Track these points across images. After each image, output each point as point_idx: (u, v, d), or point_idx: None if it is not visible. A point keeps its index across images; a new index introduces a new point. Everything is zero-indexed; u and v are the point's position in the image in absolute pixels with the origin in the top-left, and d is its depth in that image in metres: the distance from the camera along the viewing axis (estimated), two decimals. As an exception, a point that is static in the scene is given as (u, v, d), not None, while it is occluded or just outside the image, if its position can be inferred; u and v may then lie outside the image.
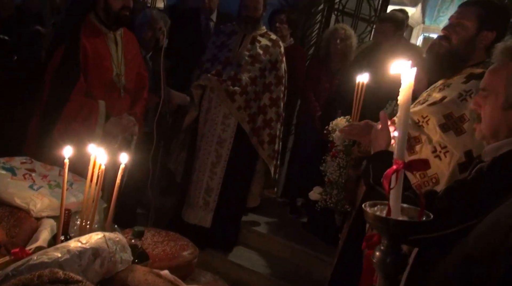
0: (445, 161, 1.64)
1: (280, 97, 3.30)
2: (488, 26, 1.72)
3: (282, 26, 3.84)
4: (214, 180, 3.27)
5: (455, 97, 1.68)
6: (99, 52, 2.41)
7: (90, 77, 2.37)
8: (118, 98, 2.51)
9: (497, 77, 1.21)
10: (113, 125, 2.43)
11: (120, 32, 2.53)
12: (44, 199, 1.46)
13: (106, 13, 2.42)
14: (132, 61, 2.61)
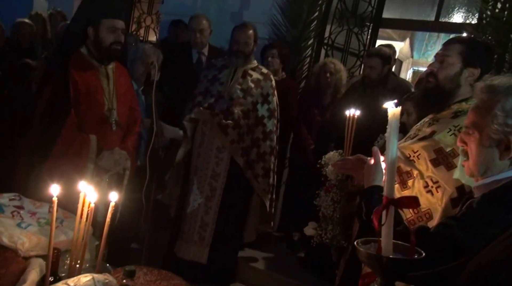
0: (438, 196, 1.65)
1: (273, 130, 3.32)
2: (472, 63, 1.77)
3: (273, 61, 3.91)
4: (209, 214, 3.24)
5: (444, 132, 1.70)
6: (90, 87, 2.42)
7: (81, 112, 2.37)
8: (110, 132, 2.50)
9: (480, 115, 1.24)
10: (105, 159, 2.42)
11: (111, 66, 2.55)
12: (33, 238, 1.43)
13: (97, 48, 2.44)
14: (124, 95, 2.62)
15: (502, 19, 3.30)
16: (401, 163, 1.74)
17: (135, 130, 2.74)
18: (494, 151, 1.20)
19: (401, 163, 1.74)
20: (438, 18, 4.58)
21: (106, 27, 2.41)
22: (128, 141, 2.65)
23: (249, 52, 3.26)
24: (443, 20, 4.78)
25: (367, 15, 4.61)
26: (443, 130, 1.71)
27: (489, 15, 3.40)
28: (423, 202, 1.67)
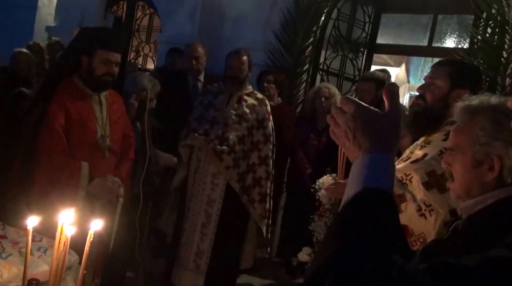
0: (431, 219, 1.62)
1: (269, 155, 3.30)
2: (460, 84, 1.78)
3: (269, 86, 3.94)
4: (205, 241, 3.18)
5: (435, 155, 1.69)
6: (82, 114, 2.42)
7: (73, 139, 2.37)
8: (102, 159, 2.49)
9: (461, 136, 1.21)
10: (97, 187, 2.39)
11: (105, 93, 2.56)
12: (12, 268, 1.39)
13: (89, 76, 2.45)
14: (117, 122, 2.62)
15: (493, 43, 3.34)
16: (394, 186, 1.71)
17: (129, 157, 2.73)
18: (479, 172, 1.17)
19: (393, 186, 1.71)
20: (431, 43, 4.64)
21: (100, 58, 2.43)
22: (122, 168, 2.62)
23: (244, 78, 3.28)
24: (436, 45, 4.84)
25: (361, 41, 4.67)
26: (434, 152, 1.70)
27: (480, 39, 3.44)
28: (416, 225, 1.63)
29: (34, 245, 1.52)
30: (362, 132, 0.77)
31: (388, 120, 0.78)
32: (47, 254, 1.52)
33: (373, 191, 0.71)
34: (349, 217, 0.70)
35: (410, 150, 1.89)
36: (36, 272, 1.36)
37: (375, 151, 0.75)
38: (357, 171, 0.75)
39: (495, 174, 1.15)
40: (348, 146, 0.79)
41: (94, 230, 1.16)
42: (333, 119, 0.82)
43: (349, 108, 0.79)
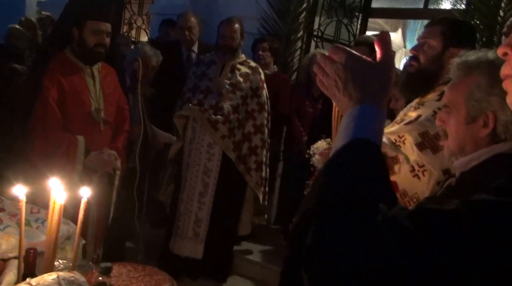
0: (424, 179, 1.63)
1: (264, 123, 3.30)
2: (453, 43, 1.74)
3: (265, 54, 3.89)
4: (202, 210, 3.23)
5: (429, 116, 1.68)
6: (76, 87, 2.40)
7: (68, 113, 2.35)
8: (98, 132, 2.49)
9: (456, 92, 1.21)
10: (93, 160, 2.40)
11: (97, 66, 2.53)
12: (11, 239, 1.40)
13: (80, 49, 2.42)
14: (111, 95, 2.61)
15: (489, 3, 3.27)
16: (387, 148, 1.72)
17: (125, 129, 2.73)
18: (473, 128, 1.17)
19: (387, 148, 1.72)
20: (427, 6, 4.55)
21: (90, 29, 2.39)
22: (118, 141, 2.63)
23: (236, 46, 3.24)
24: (432, 7, 4.74)
25: (355, 5, 4.58)
26: (428, 113, 1.69)
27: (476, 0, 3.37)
28: (410, 186, 1.65)
29: (32, 217, 1.53)
30: (353, 82, 0.73)
31: (380, 70, 0.75)
32: (45, 225, 1.53)
33: (361, 141, 0.68)
34: (334, 167, 0.68)
35: (404, 112, 1.88)
36: (34, 242, 1.38)
37: (365, 102, 0.72)
38: (346, 123, 0.73)
39: (489, 129, 1.15)
40: (338, 97, 0.76)
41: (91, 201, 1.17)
42: (321, 69, 0.78)
43: (339, 57, 0.76)
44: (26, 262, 1.16)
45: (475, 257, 0.51)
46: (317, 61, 0.79)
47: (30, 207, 1.60)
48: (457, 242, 0.52)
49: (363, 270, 0.53)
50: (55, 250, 1.11)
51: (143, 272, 1.50)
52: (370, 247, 0.54)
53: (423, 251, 0.53)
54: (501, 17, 3.25)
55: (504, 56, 0.70)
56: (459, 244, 0.52)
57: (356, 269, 0.54)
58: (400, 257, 0.53)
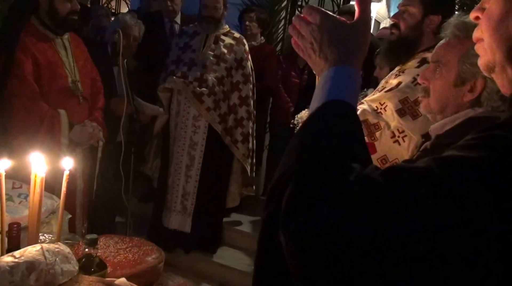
0: (404, 145, 1.66)
1: (249, 95, 3.29)
2: (433, 10, 1.75)
3: (251, 25, 3.84)
4: (190, 183, 3.25)
5: (409, 82, 1.69)
6: (50, 60, 2.32)
7: (44, 87, 2.29)
8: (77, 105, 2.45)
9: (451, 52, 1.19)
10: (78, 133, 2.38)
11: (67, 36, 2.44)
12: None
13: (52, 18, 2.32)
14: (85, 66, 2.55)
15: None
16: (369, 115, 1.74)
17: (101, 100, 2.68)
18: (459, 91, 1.17)
19: (368, 115, 1.74)
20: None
21: None
22: (96, 113, 2.60)
23: (219, 17, 3.19)
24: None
25: (340, -27, 4.51)
26: (408, 80, 1.70)
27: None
28: (391, 151, 1.68)
29: (14, 192, 1.53)
30: (328, 43, 0.72)
31: (356, 30, 0.73)
32: (28, 200, 1.54)
33: (336, 103, 0.68)
34: (309, 128, 0.67)
35: (385, 79, 1.89)
36: (17, 217, 1.38)
37: (341, 63, 0.71)
38: (321, 84, 0.71)
39: (474, 95, 1.15)
40: (313, 59, 0.75)
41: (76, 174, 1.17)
42: (296, 31, 0.76)
43: (314, 18, 0.74)
44: (10, 237, 1.17)
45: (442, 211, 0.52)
46: (292, 23, 0.78)
47: (12, 182, 1.60)
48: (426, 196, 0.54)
49: (337, 226, 0.55)
50: (38, 224, 1.12)
51: (130, 243, 1.52)
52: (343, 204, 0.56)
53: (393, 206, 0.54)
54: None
55: (476, 20, 0.71)
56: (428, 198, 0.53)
57: (331, 226, 0.55)
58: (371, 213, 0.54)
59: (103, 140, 2.53)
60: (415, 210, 0.53)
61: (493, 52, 0.67)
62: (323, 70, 0.74)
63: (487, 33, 0.67)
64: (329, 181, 0.59)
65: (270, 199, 0.67)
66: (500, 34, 0.65)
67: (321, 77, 0.73)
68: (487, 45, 0.68)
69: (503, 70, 0.67)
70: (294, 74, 3.88)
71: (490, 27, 0.66)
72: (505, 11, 0.64)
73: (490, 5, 0.66)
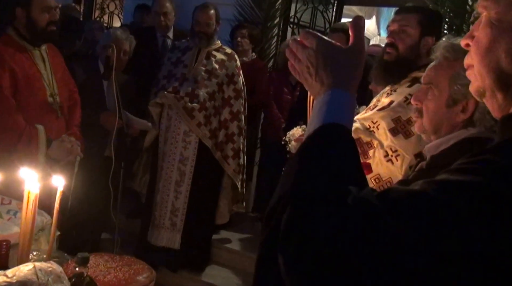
0: (397, 164, 1.67)
1: (241, 110, 3.29)
2: (428, 32, 1.78)
3: (243, 41, 3.87)
4: (179, 199, 3.21)
5: (401, 101, 1.71)
6: (28, 72, 2.26)
7: (22, 101, 2.22)
8: (55, 119, 2.38)
9: (442, 74, 1.22)
10: (57, 150, 2.31)
11: (44, 47, 2.38)
12: (-18, 231, 1.37)
13: (30, 30, 2.26)
14: (62, 78, 2.49)
15: (459, -9, 3.34)
16: (362, 134, 1.75)
17: (78, 113, 2.62)
18: (452, 111, 1.19)
19: (361, 134, 1.75)
20: (401, -7, 4.58)
21: (39, 7, 2.24)
22: (74, 127, 2.54)
23: (212, 33, 3.21)
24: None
25: (331, -8, 4.59)
26: (400, 99, 1.72)
27: (447, -13, 3.43)
28: (384, 171, 1.68)
29: (3, 208, 1.50)
30: (324, 68, 0.75)
31: (351, 55, 0.76)
32: (17, 217, 1.50)
33: (332, 126, 0.70)
34: (307, 152, 0.69)
35: (377, 98, 1.91)
36: (6, 234, 1.35)
37: (336, 87, 0.74)
38: (318, 108, 0.74)
39: (467, 115, 1.18)
40: (310, 82, 0.77)
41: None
42: (293, 54, 0.79)
43: (310, 43, 0.77)
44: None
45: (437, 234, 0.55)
46: (289, 46, 0.80)
47: (1, 198, 1.57)
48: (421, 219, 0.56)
49: (335, 249, 0.57)
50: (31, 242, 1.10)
51: (121, 262, 1.49)
52: (341, 227, 0.57)
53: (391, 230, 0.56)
54: (469, 5, 3.32)
55: (466, 47, 0.73)
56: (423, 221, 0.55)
57: (329, 249, 0.57)
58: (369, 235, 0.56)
59: (81, 155, 2.46)
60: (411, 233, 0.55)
61: (483, 78, 0.70)
62: (319, 94, 0.76)
63: (476, 60, 0.70)
64: (327, 204, 0.60)
65: (268, 222, 0.68)
66: (489, 61, 0.68)
67: (317, 101, 0.76)
68: (477, 71, 0.71)
69: (493, 95, 0.69)
70: (287, 91, 3.91)
71: (479, 55, 0.69)
72: (492, 39, 0.67)
73: (478, 33, 0.69)
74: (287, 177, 0.69)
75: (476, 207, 0.54)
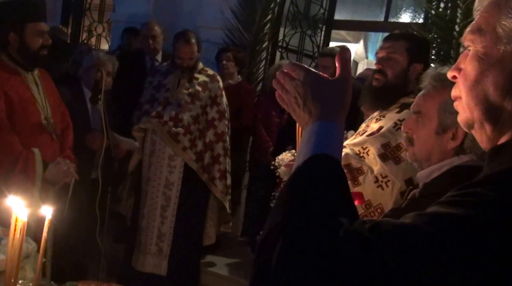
0: (388, 190, 1.67)
1: (225, 131, 3.26)
2: (417, 59, 1.81)
3: (229, 64, 3.89)
4: (165, 224, 3.14)
5: (390, 127, 1.73)
6: (22, 96, 2.27)
7: (18, 124, 2.23)
8: (50, 142, 2.39)
9: (430, 103, 1.24)
10: (53, 173, 2.31)
11: (36, 71, 2.41)
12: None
13: (22, 53, 2.27)
14: (55, 102, 2.51)
15: (446, 18, 3.42)
16: (352, 160, 1.75)
17: (70, 135, 2.63)
18: (442, 139, 1.21)
19: (351, 160, 1.75)
20: (387, 19, 4.70)
21: (32, 31, 2.26)
22: (67, 149, 2.54)
23: (193, 65, 3.16)
24: (392, 20, 4.91)
25: (319, 17, 4.68)
26: (389, 125, 1.74)
27: (434, 14, 3.52)
28: (375, 196, 1.68)
29: (-15, 236, 1.45)
30: (312, 99, 0.76)
31: (338, 86, 0.78)
32: (2, 244, 1.46)
33: (321, 157, 0.71)
34: (297, 183, 0.70)
35: (366, 123, 1.92)
36: (-11, 262, 1.31)
37: (324, 118, 0.75)
38: (306, 138, 0.75)
39: (457, 143, 1.19)
40: (298, 113, 0.78)
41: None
42: (280, 85, 0.80)
43: (298, 74, 0.78)
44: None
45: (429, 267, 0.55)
46: (276, 77, 0.81)
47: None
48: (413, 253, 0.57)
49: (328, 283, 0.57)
50: (18, 270, 1.06)
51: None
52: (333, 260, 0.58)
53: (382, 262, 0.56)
54: (457, 31, 3.41)
55: (453, 79, 0.75)
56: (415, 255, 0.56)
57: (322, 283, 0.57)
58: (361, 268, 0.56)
59: (77, 178, 2.46)
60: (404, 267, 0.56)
61: (471, 110, 0.71)
62: (307, 124, 0.77)
63: (464, 92, 0.71)
64: (319, 236, 0.60)
65: (260, 253, 0.68)
66: (477, 94, 0.69)
67: (305, 131, 0.77)
68: (465, 103, 0.72)
69: (482, 127, 0.70)
70: (275, 114, 3.92)
71: (467, 87, 0.70)
72: (480, 72, 0.68)
73: (466, 66, 0.71)
74: (278, 208, 0.69)
75: (467, 240, 0.56)
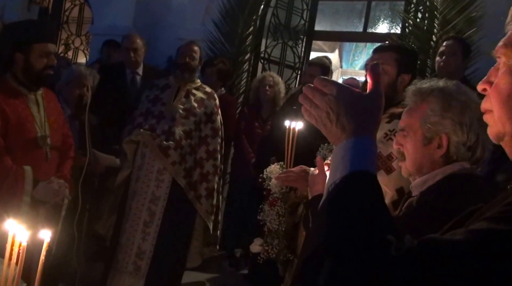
0: (380, 200, 1.65)
1: (217, 149, 3.21)
2: (405, 69, 1.83)
3: (212, 76, 3.88)
4: (146, 241, 3.01)
5: (381, 137, 1.72)
6: (20, 115, 2.29)
7: (13, 142, 2.24)
8: (44, 161, 2.37)
9: (413, 117, 1.32)
10: (42, 191, 2.28)
11: (40, 92, 2.42)
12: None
13: (26, 74, 2.29)
14: (56, 122, 2.51)
15: (423, 28, 3.49)
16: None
17: (70, 156, 2.62)
18: (429, 149, 1.27)
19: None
20: (366, 29, 4.78)
21: (38, 52, 2.28)
22: (65, 169, 2.53)
23: (195, 67, 3.19)
24: (371, 31, 4.99)
25: (300, 28, 4.71)
26: (379, 135, 1.73)
27: (411, 24, 3.58)
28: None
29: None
30: (345, 114, 0.75)
31: (371, 101, 0.78)
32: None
33: (360, 174, 0.71)
34: (340, 200, 0.70)
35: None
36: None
37: (359, 133, 0.74)
38: (341, 154, 0.74)
39: (443, 151, 1.26)
40: (329, 128, 0.77)
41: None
42: (309, 100, 0.79)
43: (330, 89, 0.77)
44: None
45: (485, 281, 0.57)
46: (304, 92, 0.80)
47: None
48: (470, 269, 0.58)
49: None
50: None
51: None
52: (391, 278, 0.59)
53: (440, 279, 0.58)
54: (434, 41, 3.47)
55: (483, 91, 0.76)
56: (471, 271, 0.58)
57: None
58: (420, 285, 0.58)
59: (69, 198, 2.44)
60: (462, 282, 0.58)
61: (503, 123, 0.72)
62: (340, 140, 0.77)
63: (497, 106, 0.72)
64: (371, 256, 0.61)
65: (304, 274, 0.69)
66: (509, 108, 0.70)
67: (339, 147, 0.77)
68: (497, 117, 0.73)
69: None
70: (257, 125, 3.91)
71: (500, 101, 0.71)
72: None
73: (499, 80, 0.72)
74: (318, 228, 0.70)
75: None
